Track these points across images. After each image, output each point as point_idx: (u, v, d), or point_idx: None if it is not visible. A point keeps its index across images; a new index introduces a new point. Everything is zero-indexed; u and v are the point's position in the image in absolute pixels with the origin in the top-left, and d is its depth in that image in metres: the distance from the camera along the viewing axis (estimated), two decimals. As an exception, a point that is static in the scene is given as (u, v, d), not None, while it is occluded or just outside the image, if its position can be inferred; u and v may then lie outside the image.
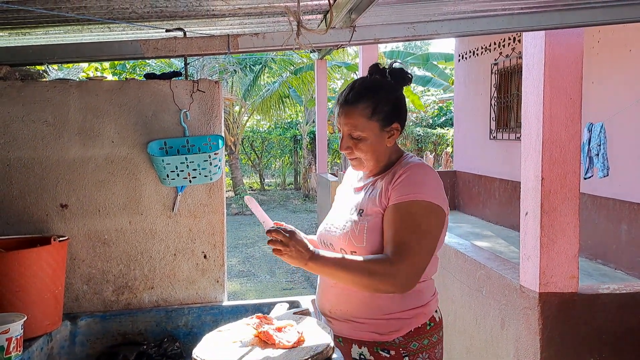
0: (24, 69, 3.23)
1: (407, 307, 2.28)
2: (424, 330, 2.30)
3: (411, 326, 2.28)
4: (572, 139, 3.36)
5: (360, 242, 2.25)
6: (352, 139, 2.30)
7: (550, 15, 3.32)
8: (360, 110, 2.26)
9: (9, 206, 3.06)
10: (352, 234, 2.27)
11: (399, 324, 2.27)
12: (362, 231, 2.25)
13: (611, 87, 8.77)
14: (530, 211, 3.49)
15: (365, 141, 2.28)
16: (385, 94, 2.30)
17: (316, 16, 3.24)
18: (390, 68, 2.38)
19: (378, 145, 2.31)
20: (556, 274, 3.39)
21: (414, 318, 2.29)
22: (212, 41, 3.27)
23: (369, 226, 2.24)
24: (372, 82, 2.35)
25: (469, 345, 4.40)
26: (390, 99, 2.30)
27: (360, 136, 2.28)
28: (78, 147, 3.10)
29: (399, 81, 2.37)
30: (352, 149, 2.31)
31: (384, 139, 2.32)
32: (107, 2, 2.65)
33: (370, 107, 2.26)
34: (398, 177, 2.23)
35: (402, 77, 2.37)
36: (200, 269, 3.25)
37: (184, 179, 3.06)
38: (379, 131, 2.29)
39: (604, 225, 9.08)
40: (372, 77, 2.38)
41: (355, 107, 2.26)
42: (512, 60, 11.97)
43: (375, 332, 2.28)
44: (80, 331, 3.05)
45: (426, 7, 3.21)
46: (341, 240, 2.32)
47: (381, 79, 2.36)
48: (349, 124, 2.28)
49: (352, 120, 2.27)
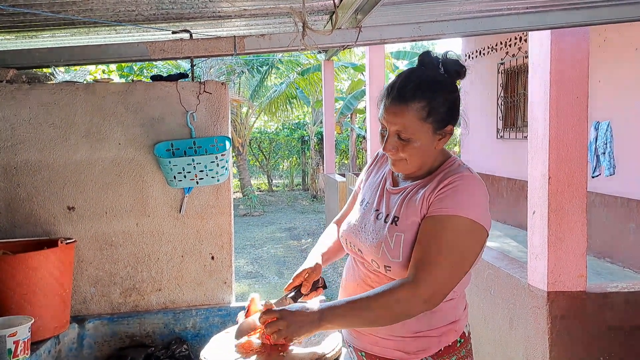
0: (31, 72, 3.25)
1: (437, 325, 2.07)
2: (454, 348, 2.10)
3: (441, 345, 2.07)
4: (578, 138, 3.35)
5: (396, 257, 2.00)
6: (400, 139, 2.03)
7: (555, 15, 3.31)
8: (415, 111, 1.99)
9: (17, 209, 3.07)
10: (386, 246, 2.03)
11: (427, 342, 2.07)
12: (398, 244, 2.01)
13: (618, 85, 8.73)
14: (537, 210, 3.48)
15: (414, 143, 2.01)
16: (443, 94, 2.04)
17: (322, 17, 3.24)
18: (445, 59, 2.09)
19: (427, 148, 2.05)
20: (564, 272, 3.38)
21: (444, 336, 2.08)
22: (219, 42, 3.27)
23: (407, 238, 2.00)
24: (430, 79, 2.06)
25: (478, 345, 4.39)
26: (449, 99, 2.05)
27: (411, 138, 2.01)
28: (85, 150, 3.11)
29: (453, 75, 2.09)
30: (398, 150, 2.04)
31: (435, 142, 2.05)
32: (113, 4, 2.66)
33: (426, 108, 1.99)
34: (443, 187, 1.98)
35: (458, 70, 2.09)
36: (207, 270, 3.26)
37: (190, 181, 3.06)
38: (432, 134, 2.02)
39: (612, 223, 9.04)
40: (427, 72, 2.10)
41: (409, 106, 1.99)
42: (518, 59, 11.93)
43: (401, 350, 2.08)
44: (87, 334, 3.06)
45: (432, 7, 3.20)
46: (372, 252, 2.07)
47: (436, 73, 2.09)
48: (399, 124, 2.01)
49: (404, 120, 2.00)
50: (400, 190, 2.13)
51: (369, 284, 2.14)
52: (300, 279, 2.21)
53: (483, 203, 1.99)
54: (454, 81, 2.11)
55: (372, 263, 2.10)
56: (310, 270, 2.22)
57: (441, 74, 2.09)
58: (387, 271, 2.04)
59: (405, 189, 2.12)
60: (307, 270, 2.22)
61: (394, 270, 2.01)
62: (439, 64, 2.09)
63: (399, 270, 2.00)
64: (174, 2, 2.69)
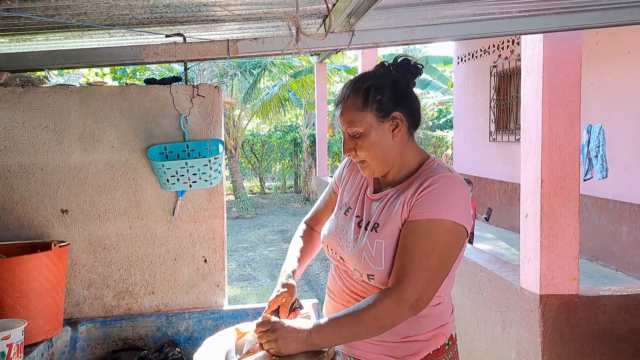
0: (25, 75, 3.25)
1: (426, 329, 2.08)
2: (442, 351, 2.11)
3: (430, 348, 2.08)
4: (571, 141, 3.37)
5: (379, 265, 1.99)
6: (352, 138, 2.05)
7: (548, 18, 3.32)
8: (352, 103, 2.02)
9: (10, 212, 3.07)
10: (367, 255, 2.02)
11: (417, 346, 2.07)
12: (379, 251, 1.99)
13: (610, 88, 8.78)
14: (530, 213, 3.49)
15: (365, 137, 2.02)
16: (376, 79, 2.04)
17: (315, 20, 3.25)
18: (394, 62, 2.10)
19: (381, 141, 2.03)
20: (557, 276, 3.39)
21: (433, 339, 2.09)
22: (212, 46, 3.28)
23: (387, 245, 1.99)
24: (362, 74, 2.11)
25: (470, 348, 4.40)
26: (383, 83, 2.03)
27: (358, 132, 2.02)
28: (79, 153, 3.10)
29: (406, 74, 2.08)
30: (355, 149, 2.05)
31: (387, 133, 2.03)
32: (107, 8, 2.66)
33: (361, 98, 2.01)
34: (423, 190, 1.96)
35: (408, 68, 2.08)
36: (200, 273, 3.26)
37: (184, 184, 3.06)
38: (377, 123, 2.01)
39: (605, 226, 9.08)
40: (366, 71, 2.12)
41: (348, 102, 2.03)
42: (511, 62, 11.98)
43: (390, 355, 2.08)
44: (80, 337, 3.06)
45: (425, 11, 3.22)
46: (354, 260, 2.07)
47: (379, 71, 2.11)
48: (344, 122, 2.04)
49: (347, 116, 2.03)
50: (381, 197, 2.12)
51: (355, 292, 2.14)
52: (277, 304, 2.18)
53: (463, 203, 1.99)
54: (405, 77, 2.09)
55: (354, 272, 2.10)
56: (286, 294, 2.19)
57: (389, 72, 2.09)
58: (370, 279, 2.04)
59: (385, 194, 2.11)
60: (282, 295, 2.18)
61: (377, 279, 2.01)
62: (391, 67, 2.10)
63: (383, 278, 2.00)
64: (168, 6, 2.69)
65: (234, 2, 2.70)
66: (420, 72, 2.11)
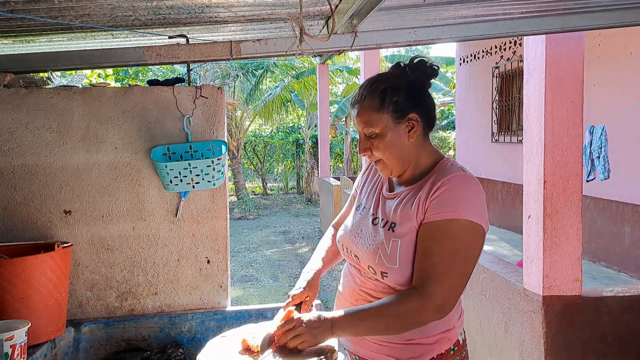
0: (28, 76, 3.25)
1: (430, 333, 2.06)
2: (447, 356, 2.09)
3: (433, 352, 2.07)
4: (573, 142, 3.37)
5: (393, 263, 2.01)
6: (368, 138, 2.09)
7: (550, 20, 3.32)
8: (369, 104, 2.05)
9: (13, 212, 3.07)
10: (383, 252, 2.03)
11: (421, 349, 2.06)
12: (394, 250, 2.01)
13: (612, 89, 8.77)
14: (532, 214, 3.49)
15: (381, 138, 2.05)
16: (392, 81, 2.07)
17: (318, 22, 3.25)
18: (410, 63, 2.13)
19: (397, 142, 2.06)
20: (559, 277, 3.39)
21: (437, 344, 2.08)
22: (215, 47, 3.28)
23: (403, 244, 2.01)
24: (379, 75, 2.14)
25: (473, 349, 4.40)
26: (399, 85, 2.05)
27: (374, 132, 2.05)
28: (82, 154, 3.11)
29: (422, 75, 2.11)
30: (371, 150, 2.09)
31: (403, 134, 2.06)
32: (110, 9, 2.66)
33: (378, 99, 2.04)
34: (436, 190, 1.98)
35: (424, 69, 2.11)
36: (203, 274, 3.26)
37: (187, 185, 3.07)
38: (393, 124, 2.04)
39: (607, 227, 9.07)
40: (382, 72, 2.17)
41: (365, 102, 2.06)
42: (513, 63, 11.97)
43: (393, 356, 2.08)
44: (83, 337, 3.06)
45: (427, 12, 3.21)
46: (369, 258, 2.08)
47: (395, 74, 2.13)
48: (361, 122, 2.07)
49: (363, 117, 2.07)
50: (396, 195, 2.14)
51: (366, 292, 2.15)
52: (300, 299, 2.26)
53: (479, 201, 1.99)
54: (421, 78, 2.12)
55: (368, 270, 2.11)
56: (309, 292, 2.29)
57: (405, 73, 2.12)
58: (383, 277, 2.05)
59: (400, 193, 2.13)
60: (306, 292, 2.28)
61: (391, 277, 2.02)
62: (406, 68, 2.12)
63: (396, 277, 2.01)
64: (171, 8, 2.69)
65: (237, 4, 2.70)
66: (436, 73, 2.14)
